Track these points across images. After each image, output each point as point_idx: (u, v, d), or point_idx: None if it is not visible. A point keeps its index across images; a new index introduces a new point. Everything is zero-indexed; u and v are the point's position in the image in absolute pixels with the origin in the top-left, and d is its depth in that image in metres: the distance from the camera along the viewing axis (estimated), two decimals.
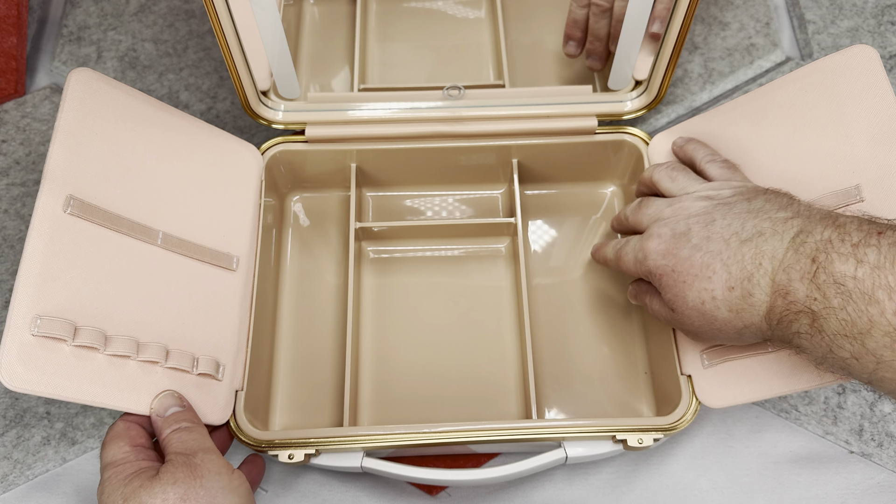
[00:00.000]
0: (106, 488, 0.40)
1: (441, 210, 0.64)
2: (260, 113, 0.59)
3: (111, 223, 0.47)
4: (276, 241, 0.61)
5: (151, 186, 0.50)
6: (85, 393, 0.42)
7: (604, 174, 0.64)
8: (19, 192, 0.65)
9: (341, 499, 0.54)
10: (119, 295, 0.45)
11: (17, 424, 0.55)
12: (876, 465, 0.55)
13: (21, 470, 0.54)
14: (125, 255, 0.47)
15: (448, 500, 0.54)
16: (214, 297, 0.51)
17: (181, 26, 0.75)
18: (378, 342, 0.58)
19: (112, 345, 0.44)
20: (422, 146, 0.60)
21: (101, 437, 0.55)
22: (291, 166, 0.61)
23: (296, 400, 0.56)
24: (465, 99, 0.60)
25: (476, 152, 0.61)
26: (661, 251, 0.45)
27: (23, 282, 0.41)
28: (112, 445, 0.43)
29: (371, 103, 0.60)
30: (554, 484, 0.55)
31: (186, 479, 0.40)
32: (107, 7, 0.75)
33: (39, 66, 0.73)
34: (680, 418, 0.49)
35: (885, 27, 0.72)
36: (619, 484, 0.54)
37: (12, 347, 0.40)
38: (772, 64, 0.71)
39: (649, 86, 0.60)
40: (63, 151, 0.46)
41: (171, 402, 0.45)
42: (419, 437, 0.48)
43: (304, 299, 0.60)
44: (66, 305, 0.43)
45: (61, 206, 0.44)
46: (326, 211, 0.64)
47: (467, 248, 0.62)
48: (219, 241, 0.53)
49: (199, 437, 0.43)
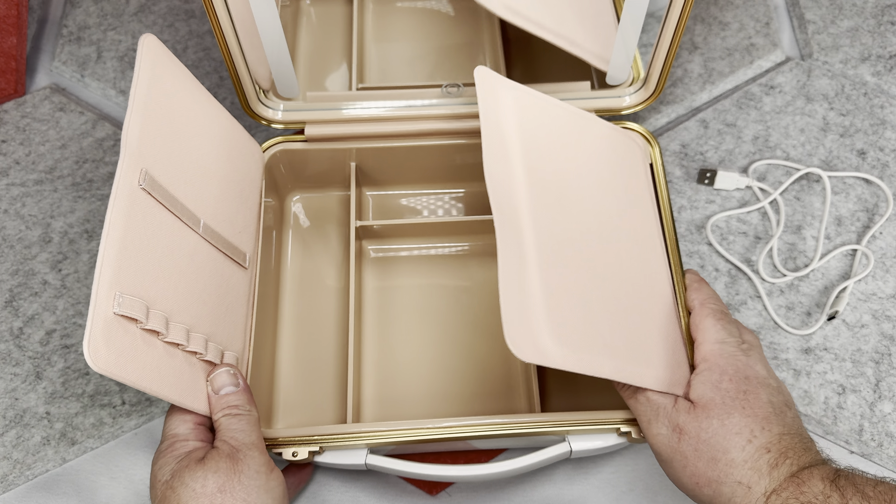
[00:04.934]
0: (160, 458, 0.43)
1: (441, 208, 0.64)
2: (259, 112, 0.59)
3: (169, 204, 0.45)
4: (276, 241, 0.61)
5: (192, 170, 0.48)
6: (148, 380, 0.40)
7: None
8: (19, 192, 0.65)
9: (341, 499, 0.54)
10: (172, 281, 0.44)
11: (16, 424, 0.55)
12: (876, 465, 0.55)
13: (21, 470, 0.54)
14: (177, 239, 0.45)
15: (448, 500, 0.54)
16: (231, 293, 0.51)
17: (181, 26, 0.75)
18: (380, 340, 0.58)
19: (170, 332, 0.42)
20: (421, 144, 0.60)
21: (101, 438, 0.55)
22: (291, 165, 0.61)
23: (299, 398, 0.56)
24: (463, 96, 0.60)
25: (475, 149, 0.61)
26: (762, 382, 0.44)
27: (106, 256, 0.39)
28: (177, 418, 0.44)
29: (369, 101, 0.60)
30: (554, 483, 0.55)
31: (227, 471, 0.41)
32: (107, 7, 0.75)
33: (39, 66, 0.73)
34: None
35: (885, 27, 0.72)
36: (619, 483, 0.54)
37: (98, 324, 0.38)
38: (772, 64, 0.71)
39: (647, 80, 0.59)
40: (138, 123, 0.44)
41: (227, 381, 0.45)
42: (422, 432, 0.48)
43: (306, 299, 0.60)
44: (138, 285, 0.41)
45: (137, 179, 0.42)
46: (326, 211, 0.64)
47: (468, 245, 0.62)
48: (236, 237, 0.52)
49: (247, 428, 0.44)
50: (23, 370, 0.57)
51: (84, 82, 0.72)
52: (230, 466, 0.41)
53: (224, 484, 0.41)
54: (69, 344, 0.58)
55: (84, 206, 0.64)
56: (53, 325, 0.59)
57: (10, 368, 0.57)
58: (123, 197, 0.41)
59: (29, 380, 0.57)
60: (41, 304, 0.60)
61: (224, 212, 0.51)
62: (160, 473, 0.42)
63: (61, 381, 0.57)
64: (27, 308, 0.60)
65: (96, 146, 0.68)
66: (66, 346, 0.58)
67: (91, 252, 0.62)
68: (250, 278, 0.54)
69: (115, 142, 0.68)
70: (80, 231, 0.63)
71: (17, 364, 0.57)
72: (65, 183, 0.66)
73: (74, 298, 0.60)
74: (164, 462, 0.42)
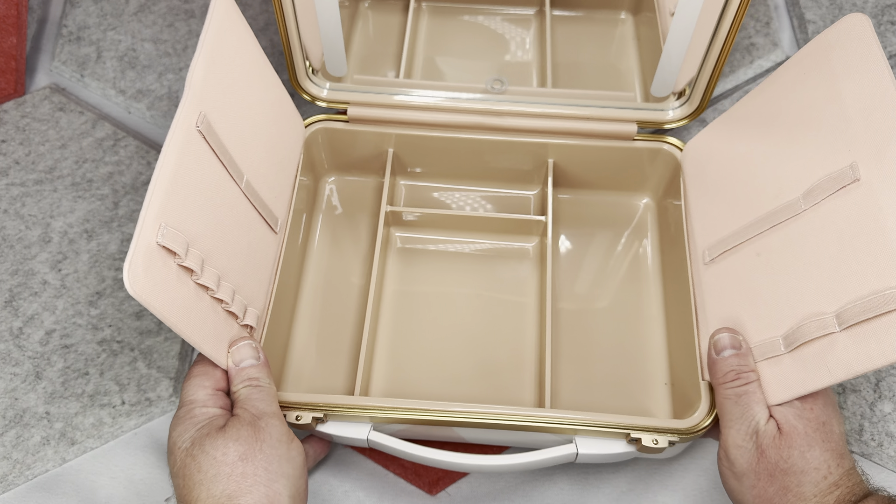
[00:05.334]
0: (178, 425, 0.42)
1: (469, 205, 0.65)
2: (306, 88, 0.61)
3: (220, 152, 0.46)
4: (306, 219, 0.62)
5: (243, 127, 0.50)
6: (175, 316, 0.41)
7: (639, 184, 0.63)
8: (19, 192, 0.65)
9: (341, 499, 0.54)
10: (210, 226, 0.45)
11: (16, 424, 0.55)
12: (876, 464, 0.55)
13: (20, 470, 0.54)
14: (221, 188, 0.47)
15: (448, 499, 0.54)
16: (260, 252, 0.52)
17: (181, 26, 0.75)
18: (396, 323, 0.59)
19: (203, 274, 0.43)
20: (460, 136, 0.61)
21: (101, 438, 0.55)
22: (330, 145, 0.62)
23: (309, 367, 0.57)
24: (507, 94, 0.60)
25: (513, 148, 0.61)
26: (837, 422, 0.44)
27: (156, 187, 0.40)
28: (194, 383, 0.44)
29: (414, 89, 0.61)
30: (554, 483, 0.55)
31: (249, 440, 0.41)
32: (106, 7, 0.75)
33: (39, 66, 0.73)
34: (698, 423, 0.48)
35: (885, 27, 0.72)
36: (624, 496, 0.54)
37: (140, 250, 0.38)
38: (772, 64, 0.71)
39: (692, 96, 0.59)
40: (203, 68, 0.45)
41: (248, 354, 0.46)
42: (427, 413, 0.47)
43: (328, 276, 0.61)
44: (181, 221, 0.42)
45: (195, 120, 0.44)
46: (359, 197, 0.65)
47: (495, 244, 0.63)
48: (271, 201, 0.54)
49: (267, 399, 0.44)
50: (22, 370, 0.57)
51: (84, 82, 0.72)
52: (252, 434, 0.42)
53: (245, 452, 0.41)
54: (69, 344, 0.58)
55: (84, 206, 0.64)
56: (53, 325, 0.59)
57: (9, 368, 0.57)
58: (181, 134, 0.42)
59: (29, 380, 0.57)
60: (41, 304, 0.60)
61: (265, 174, 0.53)
62: (179, 440, 0.42)
63: (61, 381, 0.57)
64: (27, 308, 0.60)
65: (96, 146, 0.68)
66: (66, 346, 0.58)
67: (91, 252, 0.62)
68: (279, 243, 0.55)
69: (115, 142, 0.68)
70: (80, 231, 0.63)
71: (17, 364, 0.57)
72: (64, 183, 0.66)
73: (74, 298, 0.60)
74: (183, 429, 0.42)
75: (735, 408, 0.45)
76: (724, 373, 0.46)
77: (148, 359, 0.58)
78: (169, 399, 0.57)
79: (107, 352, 0.58)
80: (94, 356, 0.58)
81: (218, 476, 0.40)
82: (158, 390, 0.57)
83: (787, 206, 0.47)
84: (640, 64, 0.68)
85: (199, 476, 0.40)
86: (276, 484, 0.41)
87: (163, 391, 0.57)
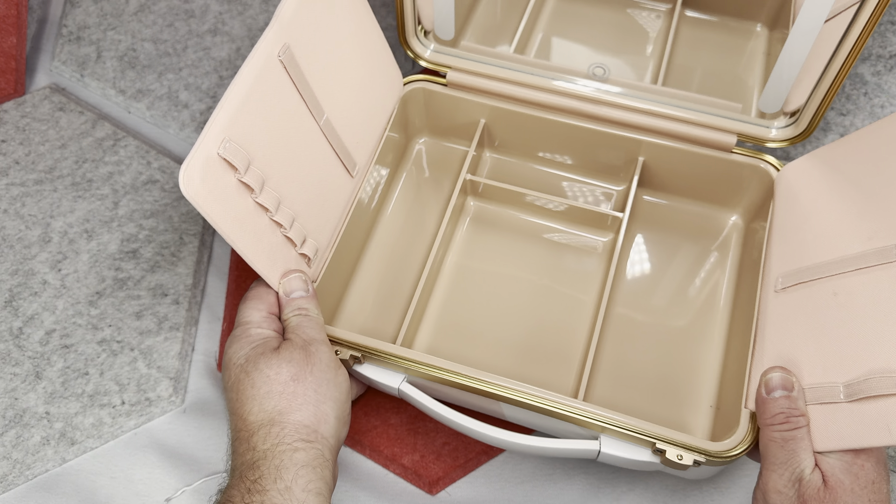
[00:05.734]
0: (234, 343, 0.46)
1: (552, 190, 0.64)
2: (412, 45, 0.62)
3: (300, 85, 0.48)
4: (389, 175, 0.63)
5: (332, 68, 0.51)
6: (230, 226, 0.43)
7: (729, 199, 0.61)
8: (19, 192, 0.65)
9: (341, 498, 0.54)
10: (277, 153, 0.47)
11: (16, 424, 0.55)
12: None
13: (20, 470, 0.54)
14: (296, 120, 0.48)
15: (448, 499, 0.54)
16: (331, 192, 0.54)
17: (181, 26, 0.75)
18: (453, 288, 0.60)
19: (262, 194, 0.45)
20: (553, 118, 0.60)
21: (101, 438, 0.55)
22: (426, 106, 0.63)
23: (364, 312, 0.59)
24: (609, 83, 0.60)
25: (605, 139, 0.60)
26: None
27: (226, 103, 0.43)
28: (250, 306, 0.47)
29: (515, 64, 0.61)
30: (554, 483, 0.55)
31: (300, 363, 0.44)
32: (106, 7, 0.75)
33: (39, 66, 0.73)
34: (728, 449, 0.45)
35: (885, 27, 0.72)
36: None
37: (200, 157, 0.41)
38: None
39: (800, 118, 0.56)
40: (295, 3, 0.47)
41: (298, 286, 0.48)
42: (458, 377, 0.48)
43: (401, 231, 0.62)
44: (246, 140, 0.44)
45: (278, 50, 0.45)
46: (446, 161, 0.66)
47: (567, 233, 0.62)
48: (352, 146, 0.55)
49: (316, 327, 0.47)
50: (22, 370, 0.57)
51: (84, 82, 0.72)
52: (303, 358, 0.44)
53: (297, 373, 0.44)
54: (69, 344, 0.58)
55: (84, 205, 0.64)
56: (53, 324, 0.59)
57: (9, 368, 0.57)
58: (260, 59, 0.44)
59: (28, 380, 0.57)
60: (41, 303, 0.60)
61: (349, 119, 0.54)
62: (235, 357, 0.45)
63: (61, 381, 0.57)
64: (27, 308, 0.60)
65: (96, 146, 0.68)
66: (66, 346, 0.58)
67: (91, 252, 0.62)
68: (354, 188, 0.57)
69: (115, 142, 0.68)
70: (80, 231, 0.63)
71: (17, 364, 0.57)
72: (64, 183, 0.66)
73: (74, 298, 0.60)
74: (238, 346, 0.45)
75: (780, 452, 0.43)
76: (772, 414, 0.44)
77: (148, 359, 0.58)
78: (169, 399, 0.57)
79: (107, 352, 0.58)
80: (94, 356, 0.58)
81: (270, 393, 0.43)
82: (158, 390, 0.57)
83: (880, 251, 0.45)
84: (760, 79, 0.66)
85: (251, 391, 0.43)
86: (323, 405, 0.44)
87: (163, 391, 0.57)
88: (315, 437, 0.43)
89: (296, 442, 0.42)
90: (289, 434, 0.42)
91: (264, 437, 0.42)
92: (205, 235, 0.64)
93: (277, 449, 0.41)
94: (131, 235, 0.63)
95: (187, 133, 0.70)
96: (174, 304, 0.60)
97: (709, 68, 0.68)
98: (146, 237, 0.63)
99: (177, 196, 0.65)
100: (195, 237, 0.64)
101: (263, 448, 0.42)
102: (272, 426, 0.42)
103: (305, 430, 0.43)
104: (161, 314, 0.60)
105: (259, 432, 0.42)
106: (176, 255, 0.63)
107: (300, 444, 0.42)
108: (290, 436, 0.42)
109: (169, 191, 0.66)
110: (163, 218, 0.64)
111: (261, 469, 0.41)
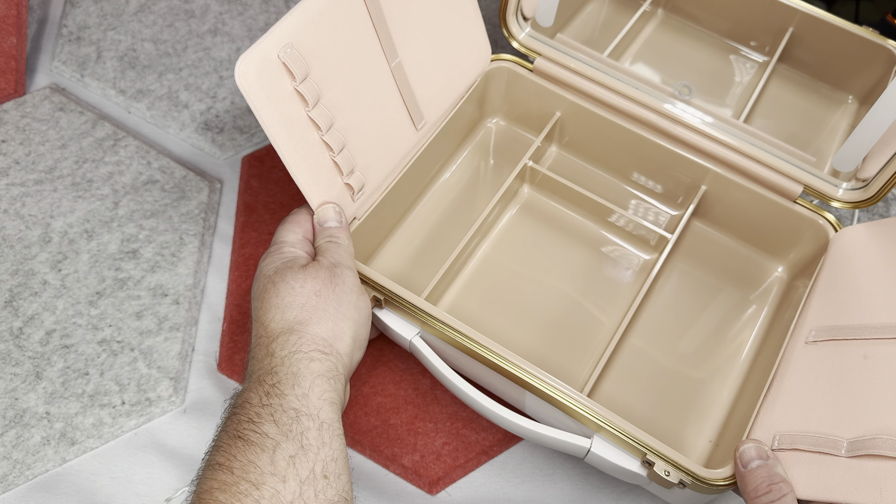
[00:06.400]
0: (267, 257, 0.48)
1: (608, 197, 0.63)
2: (509, 24, 0.63)
3: (376, 19, 0.49)
4: (456, 143, 0.65)
5: (416, 19, 0.52)
6: (276, 129, 0.44)
7: (779, 249, 0.60)
8: (19, 192, 0.65)
9: None
10: (339, 80, 0.48)
11: (16, 424, 0.55)
12: None
13: (20, 470, 0.54)
14: (364, 54, 0.50)
15: (448, 499, 0.54)
16: (391, 138, 0.55)
17: (181, 26, 0.75)
18: (488, 262, 0.61)
19: (315, 109, 0.46)
20: (628, 127, 0.60)
21: (101, 438, 0.55)
22: (508, 87, 0.64)
23: (400, 262, 0.60)
24: (692, 106, 0.60)
25: (673, 159, 0.60)
26: None
27: (297, 12, 0.44)
28: (286, 228, 0.50)
29: (604, 66, 0.62)
30: (554, 483, 0.55)
31: (325, 280, 0.46)
32: (106, 7, 0.75)
33: (39, 66, 0.73)
34: (716, 478, 0.45)
35: None
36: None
37: (258, 54, 0.42)
38: None
39: (871, 183, 0.56)
40: None
41: (332, 216, 0.51)
42: (469, 342, 0.49)
43: (455, 199, 0.64)
44: (308, 54, 0.45)
45: None
46: (513, 147, 0.67)
47: (612, 243, 0.62)
48: (423, 99, 0.56)
49: (344, 254, 0.49)
50: (22, 370, 0.57)
51: (84, 82, 0.72)
52: (328, 277, 0.47)
53: (320, 290, 0.46)
54: (69, 344, 0.58)
55: (84, 206, 0.64)
56: (53, 325, 0.59)
57: (9, 368, 0.57)
58: None
59: (29, 380, 0.57)
60: (41, 304, 0.60)
61: (424, 73, 0.55)
62: (266, 269, 0.47)
63: (61, 381, 0.57)
64: (27, 308, 0.60)
65: (96, 146, 0.68)
66: (66, 346, 0.58)
67: (91, 252, 0.62)
68: (417, 141, 0.58)
69: (115, 142, 0.68)
70: (80, 231, 0.63)
71: (17, 364, 0.57)
72: (64, 183, 0.66)
73: (74, 298, 0.60)
74: (271, 260, 0.48)
75: None
76: (754, 486, 0.43)
77: (148, 359, 0.58)
78: (169, 399, 0.57)
79: (107, 352, 0.58)
80: (95, 356, 0.58)
81: (293, 305, 0.45)
82: (158, 390, 0.57)
83: None
84: (839, 145, 0.66)
85: (275, 300, 0.45)
86: (341, 322, 0.46)
87: (163, 391, 0.57)
88: (331, 350, 0.45)
89: (312, 352, 0.44)
90: (306, 343, 0.44)
91: (283, 344, 0.44)
92: (205, 235, 0.64)
93: (295, 357, 0.43)
94: (131, 235, 0.63)
95: (187, 133, 0.70)
96: (174, 304, 0.60)
97: (792, 122, 0.68)
98: (146, 237, 0.63)
99: (177, 196, 0.65)
100: (195, 237, 0.64)
101: (281, 354, 0.44)
102: (290, 334, 0.44)
103: (322, 342, 0.45)
104: (161, 314, 0.60)
105: (278, 339, 0.44)
106: (176, 255, 0.63)
107: (316, 353, 0.44)
108: (308, 345, 0.44)
109: (169, 191, 0.66)
110: (163, 218, 0.64)
111: (279, 374, 0.43)
